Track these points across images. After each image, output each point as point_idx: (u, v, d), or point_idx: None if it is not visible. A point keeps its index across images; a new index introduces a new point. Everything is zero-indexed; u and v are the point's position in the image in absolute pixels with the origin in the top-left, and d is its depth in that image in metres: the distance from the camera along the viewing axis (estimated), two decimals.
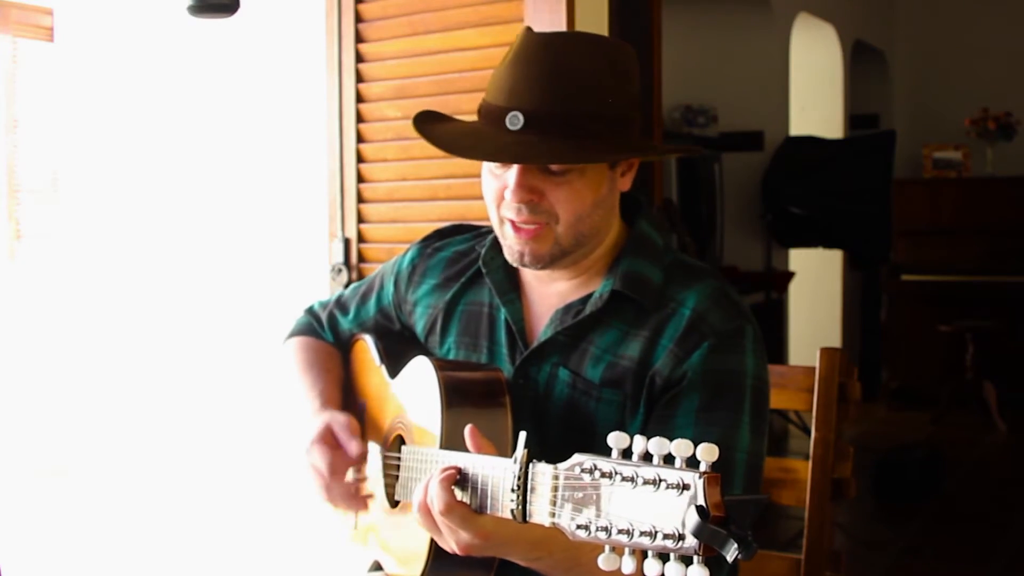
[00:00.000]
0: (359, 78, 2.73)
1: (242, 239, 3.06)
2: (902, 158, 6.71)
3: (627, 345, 1.40)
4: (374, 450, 1.62)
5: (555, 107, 1.31)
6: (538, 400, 1.45)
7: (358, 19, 2.73)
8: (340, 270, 2.78)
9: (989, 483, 5.30)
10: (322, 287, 2.84)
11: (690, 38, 6.02)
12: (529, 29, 1.38)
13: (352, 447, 1.50)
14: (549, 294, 1.49)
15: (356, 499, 1.54)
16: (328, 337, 1.78)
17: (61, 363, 3.61)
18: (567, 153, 1.31)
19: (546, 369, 1.45)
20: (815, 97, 6.90)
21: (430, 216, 2.63)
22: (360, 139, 2.75)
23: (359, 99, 2.74)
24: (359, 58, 2.73)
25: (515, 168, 1.35)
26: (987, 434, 6.21)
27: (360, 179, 2.75)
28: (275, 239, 2.99)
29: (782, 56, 6.37)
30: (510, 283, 1.52)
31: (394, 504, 1.53)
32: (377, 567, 1.57)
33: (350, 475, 1.55)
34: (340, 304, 1.77)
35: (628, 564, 0.96)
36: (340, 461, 1.51)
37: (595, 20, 2.48)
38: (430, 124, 1.44)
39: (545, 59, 1.32)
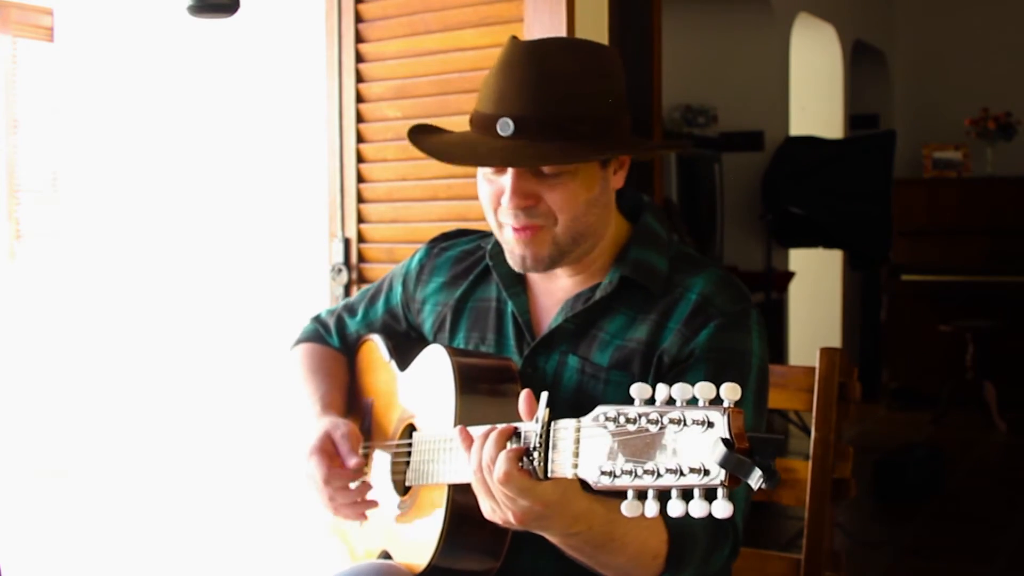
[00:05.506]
0: (359, 78, 2.73)
1: (242, 239, 3.06)
2: (902, 158, 6.70)
3: (635, 329, 1.44)
4: (381, 445, 1.63)
5: (542, 111, 1.35)
6: (546, 389, 1.46)
7: (358, 19, 2.73)
8: (340, 270, 2.78)
9: (989, 483, 5.30)
10: (322, 287, 2.83)
11: (690, 38, 6.02)
12: (514, 38, 1.42)
13: (351, 461, 1.51)
14: (554, 289, 1.52)
15: (357, 508, 1.55)
16: (335, 342, 1.80)
17: (61, 363, 3.61)
18: (556, 154, 1.35)
19: (555, 358, 1.48)
20: (815, 97, 6.90)
21: (430, 216, 2.63)
22: (360, 139, 2.75)
23: (359, 99, 2.74)
24: (359, 58, 2.73)
25: (510, 174, 1.39)
26: (987, 434, 6.21)
27: (360, 179, 2.75)
28: (275, 239, 2.99)
29: (782, 56, 6.36)
30: (516, 276, 1.55)
31: (404, 491, 1.55)
32: (385, 556, 1.57)
33: (351, 484, 1.56)
34: (348, 308, 1.80)
35: (651, 507, 0.98)
36: (338, 473, 1.52)
37: (595, 20, 2.48)
38: (424, 136, 1.49)
39: (531, 66, 1.36)
